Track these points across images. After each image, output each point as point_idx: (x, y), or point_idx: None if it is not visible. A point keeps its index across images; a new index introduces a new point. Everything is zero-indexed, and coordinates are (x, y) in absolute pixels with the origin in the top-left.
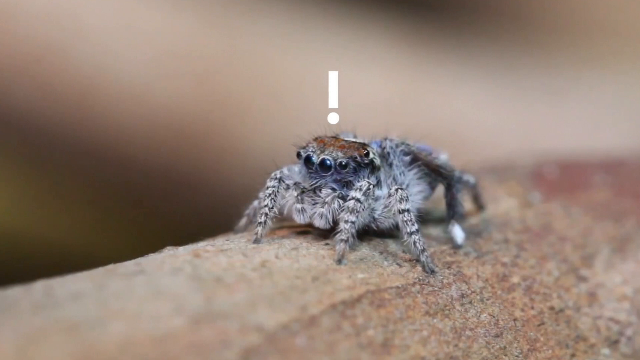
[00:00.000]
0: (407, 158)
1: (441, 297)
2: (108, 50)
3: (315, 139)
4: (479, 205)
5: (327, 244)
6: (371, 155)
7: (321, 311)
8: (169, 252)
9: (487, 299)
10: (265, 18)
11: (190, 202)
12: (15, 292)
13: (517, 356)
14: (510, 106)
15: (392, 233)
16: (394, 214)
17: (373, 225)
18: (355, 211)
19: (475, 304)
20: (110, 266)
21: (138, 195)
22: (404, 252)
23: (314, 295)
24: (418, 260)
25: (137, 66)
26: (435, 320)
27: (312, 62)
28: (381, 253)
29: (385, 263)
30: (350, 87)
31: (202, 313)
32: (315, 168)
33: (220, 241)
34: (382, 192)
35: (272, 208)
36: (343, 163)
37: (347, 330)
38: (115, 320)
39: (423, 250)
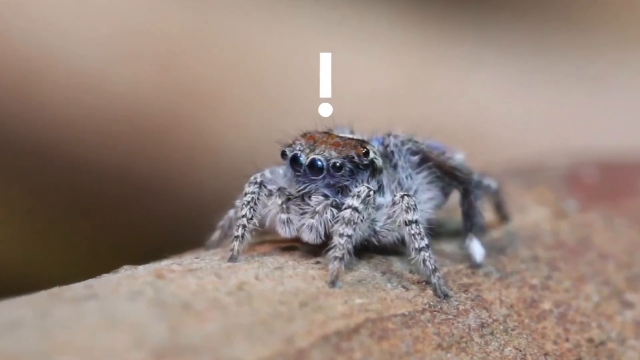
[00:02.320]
0: (415, 158)
1: (456, 327)
2: (53, 28)
3: (304, 136)
4: (503, 216)
5: (317, 262)
6: (371, 155)
7: (311, 344)
8: (126, 272)
9: (512, 330)
10: None
11: (152, 211)
12: None
13: None
14: (540, 95)
15: (397, 249)
16: (399, 226)
17: (374, 240)
18: (352, 222)
19: (497, 336)
20: (55, 289)
21: (89, 203)
22: (411, 272)
23: (302, 324)
24: (428, 282)
25: (88, 47)
26: (449, 355)
27: (300, 42)
28: (383, 273)
29: (389, 285)
30: (346, 72)
31: (166, 347)
32: (303, 170)
33: (188, 259)
34: (384, 199)
35: (251, 219)
36: (337, 164)
37: None
38: (62, 354)
39: (434, 270)
